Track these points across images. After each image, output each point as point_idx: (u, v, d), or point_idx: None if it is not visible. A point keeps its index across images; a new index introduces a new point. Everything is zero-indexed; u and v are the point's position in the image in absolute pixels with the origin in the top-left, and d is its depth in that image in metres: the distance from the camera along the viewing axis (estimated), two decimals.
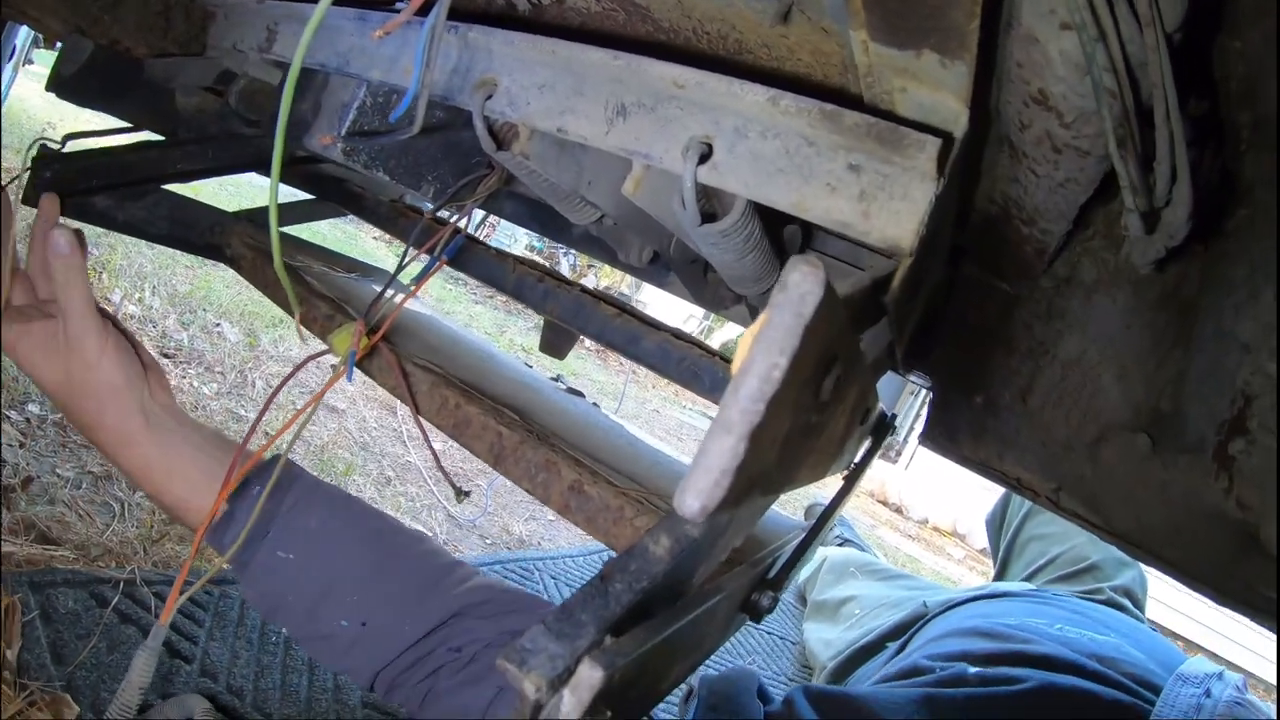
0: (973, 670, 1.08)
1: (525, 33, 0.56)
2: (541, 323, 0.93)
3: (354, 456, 2.50)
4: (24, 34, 3.06)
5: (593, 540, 2.53)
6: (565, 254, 7.92)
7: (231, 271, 1.59)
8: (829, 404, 0.34)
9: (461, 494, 0.82)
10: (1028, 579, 1.94)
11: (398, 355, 0.74)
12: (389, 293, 0.80)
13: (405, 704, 0.80)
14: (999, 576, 2.16)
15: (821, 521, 0.72)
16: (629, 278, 7.57)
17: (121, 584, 1.29)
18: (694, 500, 0.24)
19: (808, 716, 0.91)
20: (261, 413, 0.78)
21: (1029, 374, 0.80)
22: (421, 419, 0.73)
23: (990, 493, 2.39)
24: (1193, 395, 0.70)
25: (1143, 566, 1.86)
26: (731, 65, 0.68)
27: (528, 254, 9.13)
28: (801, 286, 0.24)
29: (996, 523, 2.25)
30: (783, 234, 0.65)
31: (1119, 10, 0.40)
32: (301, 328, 0.74)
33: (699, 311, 8.02)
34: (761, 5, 0.56)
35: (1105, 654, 1.11)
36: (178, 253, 2.94)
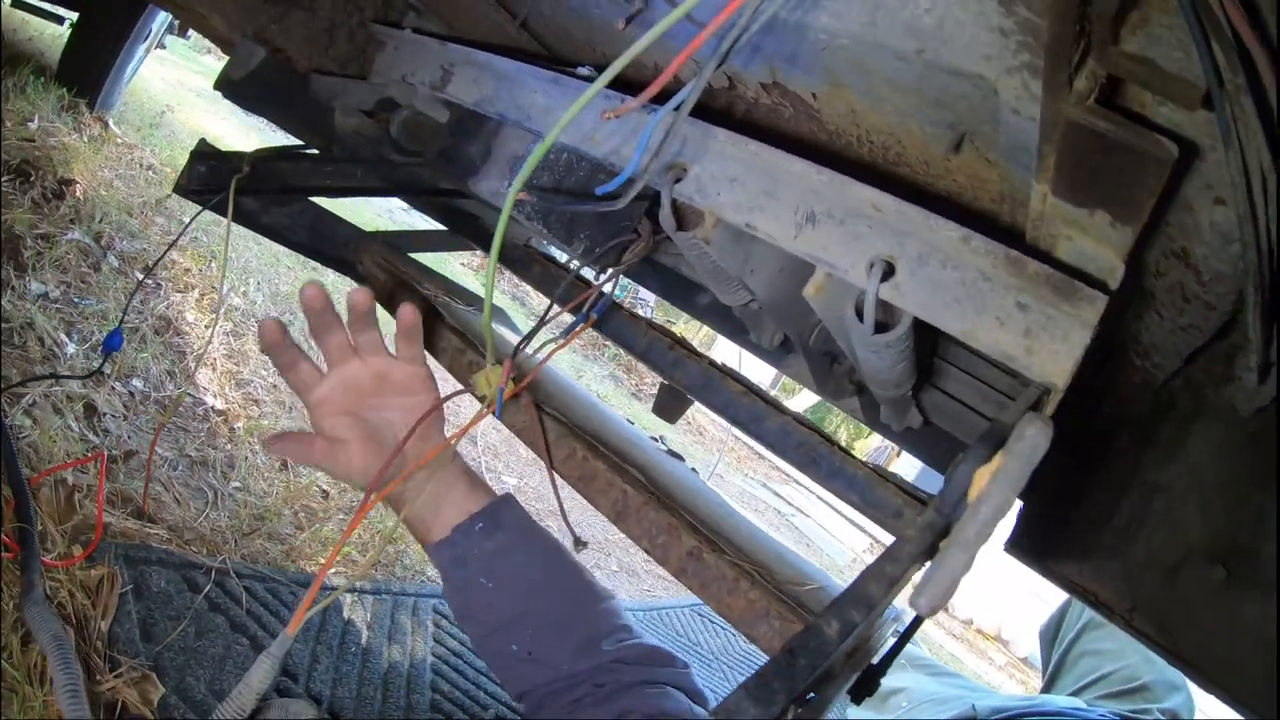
0: None
1: (727, 129, 0.63)
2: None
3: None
4: (161, 19, 3.20)
5: (653, 598, 2.52)
6: (641, 301, 8.00)
7: (332, 275, 1.67)
8: None
9: (580, 544, 0.87)
10: (1076, 693, 1.94)
11: (538, 404, 0.79)
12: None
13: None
14: (1047, 687, 2.14)
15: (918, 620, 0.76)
16: (705, 330, 7.65)
17: (214, 572, 1.32)
18: (929, 603, 0.30)
19: None
20: (395, 452, 0.83)
21: (1117, 495, 0.83)
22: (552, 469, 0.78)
23: (1043, 602, 2.37)
24: (1271, 534, 0.73)
25: (1191, 690, 1.84)
26: (884, 174, 0.74)
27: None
28: (1036, 440, 0.30)
29: (1051, 633, 2.23)
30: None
31: (1271, 200, 0.46)
32: (481, 379, 0.80)
33: (771, 372, 8.05)
34: (937, 132, 0.62)
35: None
36: (282, 252, 3.01)
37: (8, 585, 1.04)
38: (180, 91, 5.52)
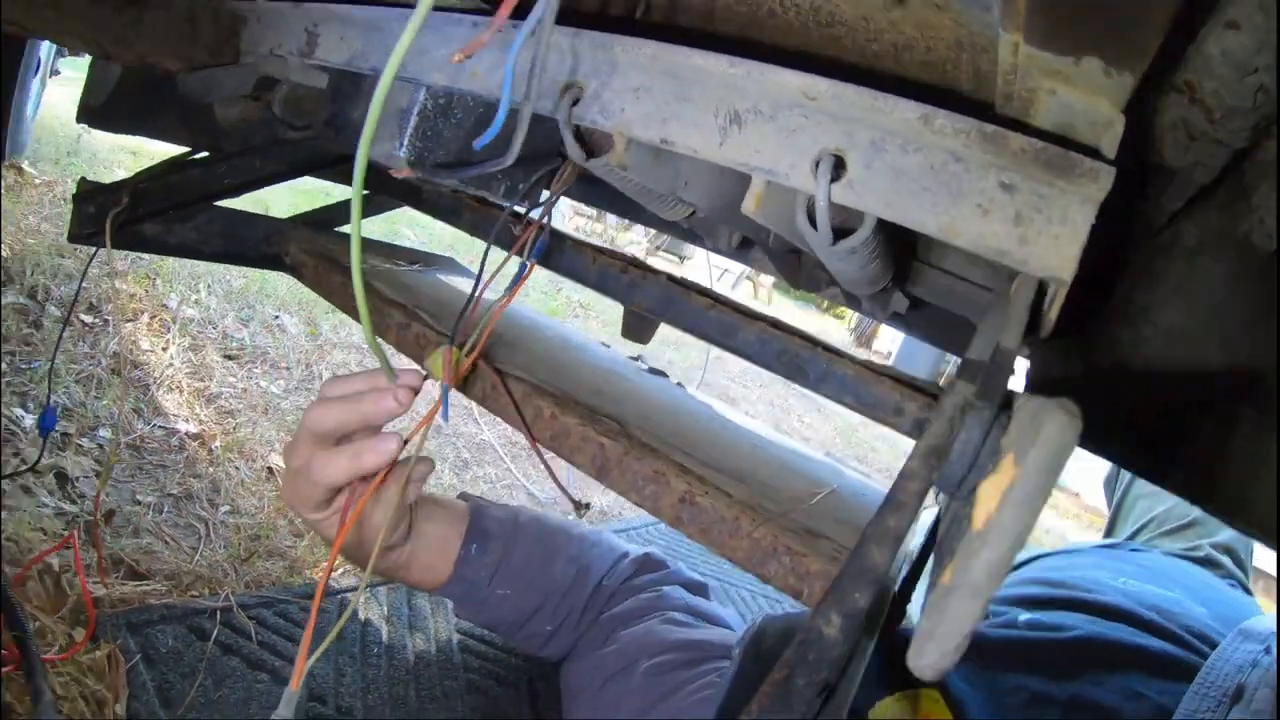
0: (1023, 617, 1.07)
1: (616, 34, 0.53)
2: None
3: (429, 441, 2.44)
4: (46, 46, 3.01)
5: None
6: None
7: (275, 276, 1.56)
8: None
9: (581, 508, 0.80)
10: (1133, 535, 1.92)
11: (501, 374, 0.71)
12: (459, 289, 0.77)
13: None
14: (1108, 533, 2.11)
15: (932, 541, 0.70)
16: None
17: (219, 613, 1.25)
18: (933, 664, 0.24)
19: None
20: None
21: (1130, 341, 0.77)
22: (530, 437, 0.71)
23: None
24: None
25: None
26: (819, 39, 0.64)
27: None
28: (1057, 441, 0.22)
29: (1111, 481, 2.21)
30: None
31: None
32: (434, 362, 0.71)
33: (734, 266, 7.90)
34: None
35: (1165, 608, 1.09)
36: None
37: (18, 699, 0.97)
38: None
